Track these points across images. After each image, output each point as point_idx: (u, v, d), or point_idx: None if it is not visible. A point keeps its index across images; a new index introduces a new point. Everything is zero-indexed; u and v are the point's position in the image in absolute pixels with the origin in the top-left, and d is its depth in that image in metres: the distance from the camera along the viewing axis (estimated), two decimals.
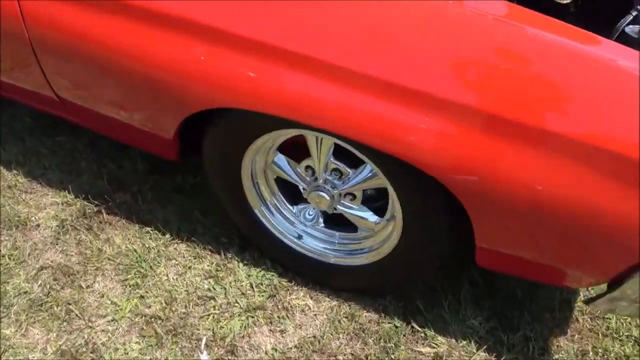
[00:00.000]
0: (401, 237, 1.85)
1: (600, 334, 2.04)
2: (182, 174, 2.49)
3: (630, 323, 2.08)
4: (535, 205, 1.47)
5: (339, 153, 1.82)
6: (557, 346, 2.01)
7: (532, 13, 1.46)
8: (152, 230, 2.29)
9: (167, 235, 2.27)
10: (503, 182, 1.46)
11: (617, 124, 1.36)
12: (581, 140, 1.36)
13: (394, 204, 1.80)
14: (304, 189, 1.99)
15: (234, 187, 2.04)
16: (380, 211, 1.95)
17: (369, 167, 1.80)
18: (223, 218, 2.26)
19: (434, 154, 1.48)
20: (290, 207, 2.12)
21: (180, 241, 2.26)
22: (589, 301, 1.66)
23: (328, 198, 1.93)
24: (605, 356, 1.99)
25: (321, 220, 2.11)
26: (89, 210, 2.35)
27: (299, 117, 1.59)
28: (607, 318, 2.09)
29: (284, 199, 2.10)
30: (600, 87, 1.37)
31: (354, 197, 1.92)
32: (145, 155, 2.49)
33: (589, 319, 2.08)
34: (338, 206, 1.96)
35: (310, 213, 2.12)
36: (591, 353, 1.99)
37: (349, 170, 1.86)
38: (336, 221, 2.08)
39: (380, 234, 1.96)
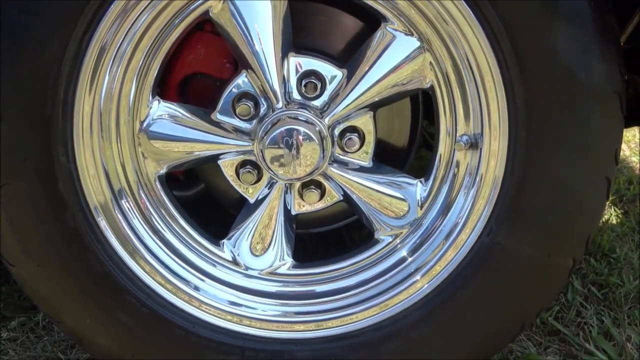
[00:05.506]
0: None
1: None
2: None
3: None
4: None
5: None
6: None
7: None
8: None
9: None
10: None
11: None
12: None
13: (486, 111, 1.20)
14: (243, 158, 1.23)
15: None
16: None
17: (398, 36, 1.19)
18: None
19: None
20: (217, 250, 1.34)
21: None
22: None
23: (317, 141, 1.22)
24: None
25: (287, 254, 1.37)
26: None
27: None
28: None
29: (197, 236, 1.33)
30: None
31: (360, 138, 1.29)
32: None
33: None
34: (332, 169, 1.30)
35: (263, 247, 1.34)
36: None
37: (336, 70, 1.17)
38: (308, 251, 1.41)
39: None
